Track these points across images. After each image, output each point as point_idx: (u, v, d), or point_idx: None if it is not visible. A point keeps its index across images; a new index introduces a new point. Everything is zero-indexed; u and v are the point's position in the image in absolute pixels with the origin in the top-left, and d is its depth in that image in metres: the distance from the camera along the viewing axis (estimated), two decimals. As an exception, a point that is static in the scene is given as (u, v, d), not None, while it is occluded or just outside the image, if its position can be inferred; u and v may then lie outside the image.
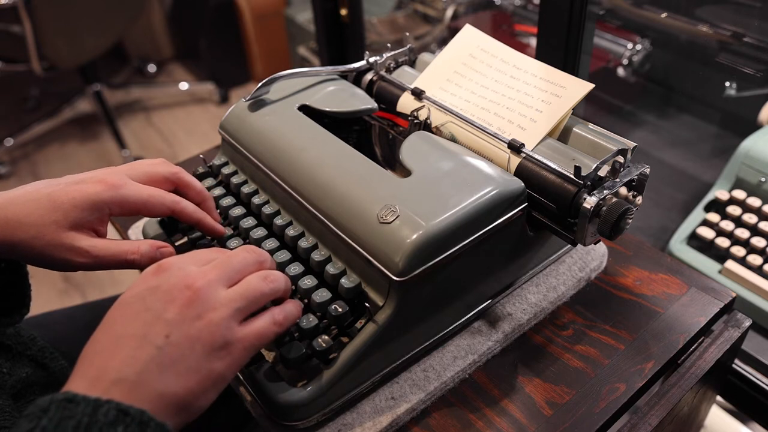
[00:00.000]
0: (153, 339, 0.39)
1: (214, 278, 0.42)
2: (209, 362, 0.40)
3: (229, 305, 0.41)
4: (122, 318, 0.40)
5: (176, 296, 0.40)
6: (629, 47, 1.27)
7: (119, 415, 0.35)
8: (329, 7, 1.22)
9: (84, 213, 0.50)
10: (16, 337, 0.58)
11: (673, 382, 0.58)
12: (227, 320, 0.41)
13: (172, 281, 0.41)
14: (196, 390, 0.39)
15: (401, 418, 0.53)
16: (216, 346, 0.40)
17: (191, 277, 0.41)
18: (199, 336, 0.40)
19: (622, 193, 0.55)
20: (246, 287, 0.43)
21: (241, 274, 0.44)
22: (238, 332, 0.42)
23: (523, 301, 0.62)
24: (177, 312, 0.40)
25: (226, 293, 0.42)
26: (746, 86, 1.08)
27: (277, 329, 0.44)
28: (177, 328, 0.39)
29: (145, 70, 2.72)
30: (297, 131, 0.62)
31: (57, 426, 0.34)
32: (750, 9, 1.07)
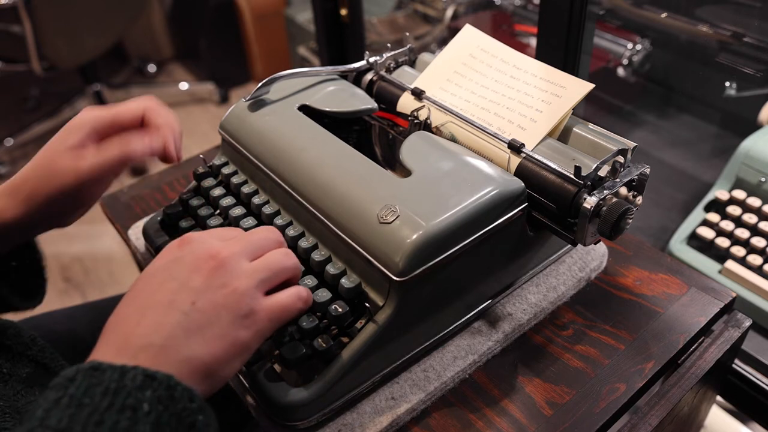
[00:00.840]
0: (179, 305, 0.39)
1: (237, 250, 0.43)
2: (235, 330, 0.40)
3: (254, 275, 0.42)
4: (147, 288, 0.41)
5: (201, 266, 0.41)
6: (629, 47, 1.27)
7: (146, 379, 0.35)
8: (329, 7, 1.22)
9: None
10: (16, 337, 0.58)
11: (673, 382, 0.58)
12: (252, 289, 0.42)
13: (197, 252, 0.42)
14: (222, 357, 0.40)
15: (401, 418, 0.53)
16: (241, 314, 0.41)
17: (215, 248, 0.42)
18: (225, 303, 0.40)
19: (622, 193, 0.55)
20: (270, 260, 0.44)
21: (263, 250, 0.45)
22: (262, 302, 0.42)
23: (523, 301, 0.62)
24: (202, 280, 0.40)
25: (250, 264, 0.43)
26: (746, 86, 1.08)
27: (301, 305, 0.45)
28: (203, 295, 0.40)
29: (145, 70, 2.72)
30: (297, 131, 0.62)
31: (84, 393, 0.34)
32: (750, 9, 1.07)
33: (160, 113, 0.57)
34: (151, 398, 0.35)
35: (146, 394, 0.34)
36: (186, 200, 0.65)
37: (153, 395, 0.35)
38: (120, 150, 0.55)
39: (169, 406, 0.35)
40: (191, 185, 0.68)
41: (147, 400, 0.34)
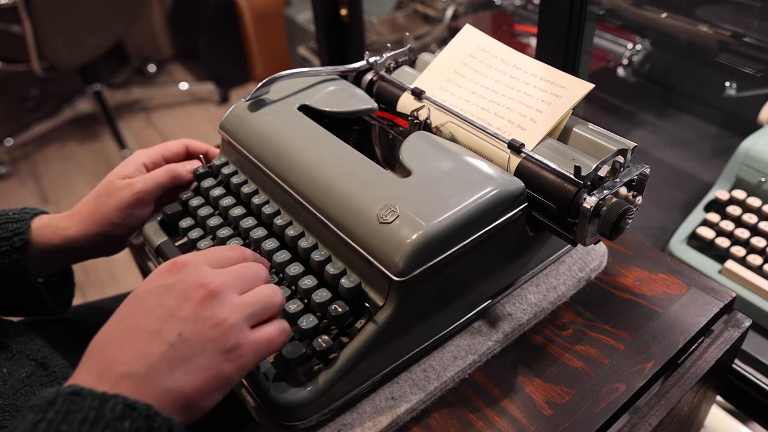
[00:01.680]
0: (166, 335, 0.39)
1: (229, 282, 0.43)
2: (219, 363, 0.40)
3: (244, 309, 0.42)
4: (135, 312, 0.41)
5: (191, 295, 0.41)
6: (629, 47, 1.27)
7: (126, 409, 0.35)
8: (329, 7, 1.22)
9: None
10: (16, 337, 0.59)
11: (673, 382, 0.58)
12: (240, 323, 0.41)
13: (188, 280, 0.42)
14: (204, 389, 0.39)
15: (401, 418, 0.53)
16: (227, 347, 0.40)
17: (207, 278, 0.42)
18: (212, 336, 0.40)
19: (622, 193, 0.55)
20: (261, 295, 0.44)
21: (253, 285, 0.45)
22: (249, 336, 0.42)
23: (523, 301, 0.62)
24: (191, 310, 0.40)
25: (240, 297, 0.43)
26: (746, 86, 1.08)
27: (284, 339, 0.45)
28: (191, 327, 0.40)
29: (145, 70, 2.72)
30: (297, 131, 0.62)
31: (63, 419, 0.34)
32: (750, 9, 1.07)
33: (201, 144, 0.70)
34: (130, 428, 0.35)
35: (125, 425, 0.34)
36: (186, 200, 0.65)
37: (131, 426, 0.35)
38: (167, 171, 0.65)
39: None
40: (192, 185, 0.68)
41: (125, 430, 0.34)
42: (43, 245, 0.60)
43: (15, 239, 0.58)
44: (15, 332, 0.59)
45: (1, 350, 0.57)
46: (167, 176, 0.64)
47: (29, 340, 0.59)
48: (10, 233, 0.58)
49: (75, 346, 0.64)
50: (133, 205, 0.62)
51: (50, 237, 0.60)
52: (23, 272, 0.58)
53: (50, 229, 0.61)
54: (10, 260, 0.57)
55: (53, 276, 0.66)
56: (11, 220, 0.59)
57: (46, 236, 0.60)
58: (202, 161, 0.69)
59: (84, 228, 0.62)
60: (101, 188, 0.64)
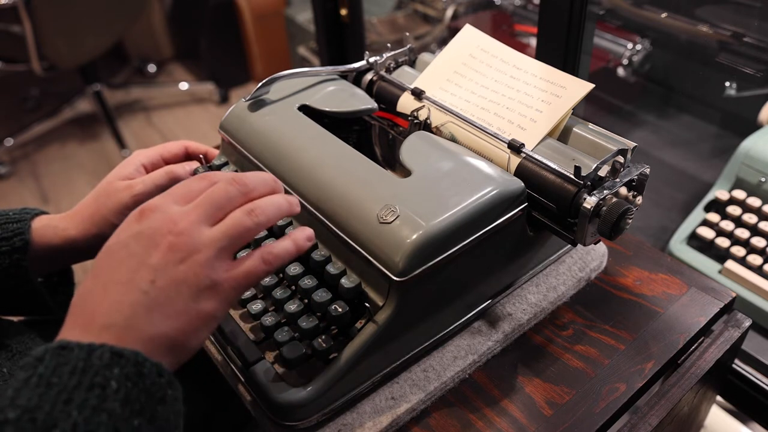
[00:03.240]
0: (139, 284, 0.39)
1: (195, 218, 0.42)
2: (197, 303, 0.40)
3: (212, 245, 0.41)
4: (108, 266, 0.41)
5: (159, 241, 0.41)
6: (629, 47, 1.27)
7: (113, 357, 0.36)
8: (329, 7, 1.22)
9: None
10: (16, 336, 0.59)
11: (673, 382, 0.58)
12: (211, 260, 0.41)
13: (155, 225, 0.41)
14: (187, 330, 0.40)
15: (401, 418, 0.53)
16: (202, 286, 0.40)
17: (173, 220, 0.41)
18: (185, 278, 0.40)
19: (622, 193, 0.55)
20: (229, 224, 0.42)
21: (225, 210, 0.43)
22: (224, 272, 0.42)
23: (523, 301, 0.62)
24: (161, 256, 0.40)
25: (209, 233, 0.42)
26: (746, 86, 1.08)
27: (266, 267, 0.43)
28: (162, 272, 0.40)
29: (145, 70, 2.72)
30: (297, 131, 0.62)
31: (53, 372, 0.35)
32: (750, 9, 1.07)
33: (200, 145, 0.69)
34: (119, 375, 0.35)
35: (114, 372, 0.35)
36: (186, 200, 0.65)
37: (121, 372, 0.35)
38: (166, 172, 0.64)
39: (137, 382, 0.36)
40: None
41: (115, 377, 0.35)
42: (43, 245, 0.60)
43: (15, 239, 0.58)
44: (15, 332, 0.59)
45: (1, 350, 0.57)
46: (166, 178, 0.64)
47: (29, 340, 0.59)
48: (10, 233, 0.58)
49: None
50: (131, 206, 0.62)
51: (50, 237, 0.60)
52: (23, 272, 0.58)
53: (50, 230, 0.61)
54: (11, 260, 0.57)
55: (53, 276, 0.66)
56: (11, 220, 0.59)
57: (46, 236, 0.60)
58: (202, 162, 0.69)
59: (83, 229, 0.62)
60: (100, 189, 0.64)
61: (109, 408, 0.34)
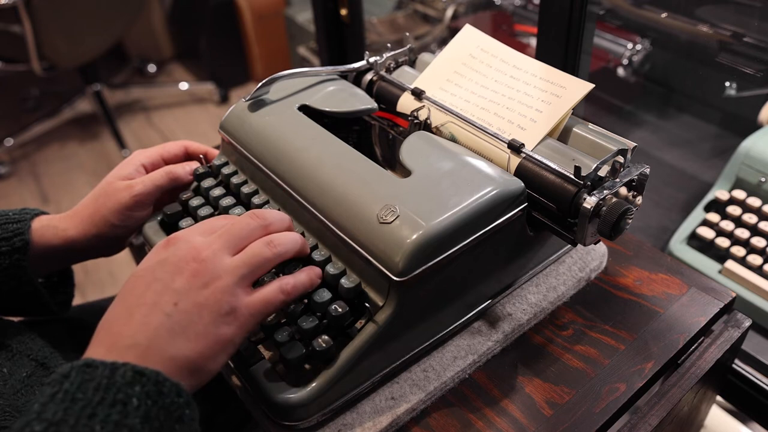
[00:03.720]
0: (163, 307, 0.41)
1: (218, 248, 0.45)
2: (217, 327, 0.42)
3: (234, 273, 0.44)
4: (134, 289, 0.43)
5: (183, 267, 0.43)
6: (629, 47, 1.27)
7: (135, 376, 0.37)
8: (329, 7, 1.22)
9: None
10: (16, 336, 0.59)
11: (673, 382, 0.58)
12: (232, 287, 0.43)
13: (180, 253, 0.44)
14: (206, 353, 0.42)
15: (401, 418, 0.53)
16: (222, 312, 0.43)
17: (197, 249, 0.44)
18: (206, 303, 0.42)
19: (622, 193, 0.55)
20: (249, 254, 0.45)
21: (246, 241, 0.47)
22: (243, 298, 0.44)
23: (523, 301, 0.62)
24: (185, 282, 0.43)
25: (230, 261, 0.45)
26: (746, 86, 1.08)
27: (284, 297, 0.46)
28: (185, 296, 0.42)
29: (145, 70, 2.72)
30: (297, 131, 0.62)
31: (78, 389, 0.36)
32: (750, 9, 1.07)
33: (200, 145, 0.70)
34: (140, 393, 0.37)
35: (135, 390, 0.37)
36: (186, 201, 0.65)
37: (142, 390, 0.37)
38: (166, 173, 0.65)
39: (157, 400, 0.37)
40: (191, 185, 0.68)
41: (136, 395, 0.37)
42: (43, 246, 0.60)
43: (15, 239, 0.58)
44: (15, 332, 0.59)
45: (1, 350, 0.57)
46: (166, 178, 0.65)
47: (29, 340, 0.59)
48: (10, 233, 0.58)
49: (75, 346, 0.64)
50: (131, 207, 0.62)
51: (50, 237, 0.61)
52: (23, 272, 0.58)
53: (50, 230, 0.61)
54: (11, 260, 0.57)
55: (53, 276, 0.66)
56: (11, 220, 0.59)
57: (46, 237, 0.60)
58: (202, 162, 0.69)
59: (83, 229, 0.62)
60: (100, 189, 0.64)
61: (129, 424, 0.36)
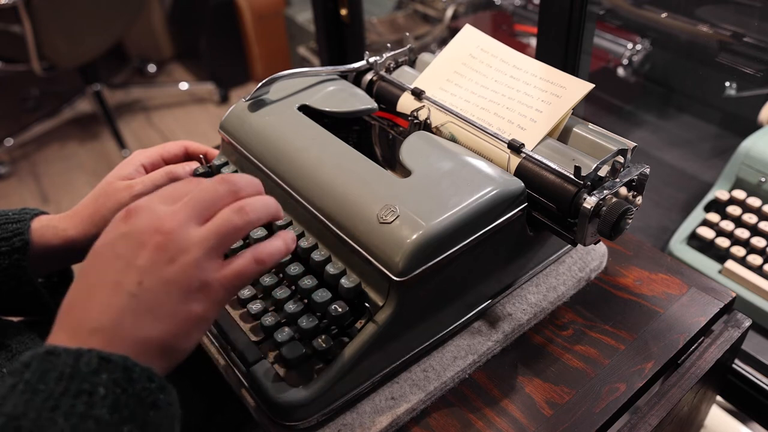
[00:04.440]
0: (126, 286, 0.38)
1: (184, 218, 0.40)
2: (186, 305, 0.39)
3: (202, 245, 0.40)
4: (95, 268, 0.40)
5: (146, 241, 0.39)
6: (629, 47, 1.27)
7: (101, 362, 0.35)
8: (329, 7, 1.22)
9: None
10: (16, 336, 0.59)
11: (673, 382, 0.58)
12: (201, 261, 0.40)
13: (141, 225, 0.40)
14: (177, 333, 0.39)
15: (401, 418, 0.53)
16: (192, 288, 0.39)
17: (160, 220, 0.40)
18: (173, 279, 0.39)
19: (622, 193, 0.55)
20: (218, 223, 0.41)
21: (214, 208, 0.42)
22: (215, 272, 0.40)
23: (523, 301, 0.62)
24: (148, 257, 0.39)
25: (197, 232, 0.40)
26: (746, 86, 1.08)
27: (259, 267, 0.42)
28: (149, 274, 0.39)
29: (145, 70, 2.72)
30: (297, 131, 0.62)
31: (39, 379, 0.34)
32: (750, 9, 1.07)
33: (200, 145, 0.69)
34: (107, 381, 0.35)
35: (102, 378, 0.34)
36: (186, 200, 0.65)
37: (109, 378, 0.35)
38: (166, 173, 0.64)
39: (127, 388, 0.35)
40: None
41: (103, 383, 0.34)
42: (43, 246, 0.60)
43: (15, 239, 0.58)
44: (15, 332, 0.59)
45: (1, 350, 0.57)
46: (166, 178, 0.64)
47: (29, 340, 0.59)
48: (9, 233, 0.58)
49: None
50: None
51: (50, 238, 0.60)
52: (23, 272, 0.58)
53: (50, 230, 0.61)
54: (10, 260, 0.57)
55: (53, 276, 0.66)
56: (11, 220, 0.59)
57: (45, 237, 0.60)
58: (202, 162, 0.69)
59: (83, 229, 0.62)
60: (100, 189, 0.64)
61: (96, 415, 0.34)
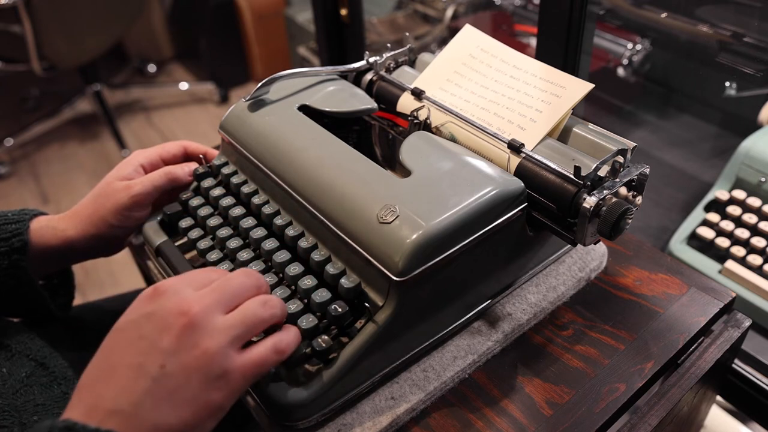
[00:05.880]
0: (148, 369, 0.38)
1: (211, 303, 0.41)
2: (206, 392, 0.39)
3: (227, 332, 0.40)
4: (118, 346, 0.40)
5: (172, 323, 0.39)
6: (629, 47, 1.27)
7: None
8: (329, 8, 1.22)
9: None
10: (16, 336, 0.59)
11: (673, 382, 0.58)
12: (225, 348, 0.40)
13: (168, 307, 0.40)
14: (193, 421, 0.38)
15: (401, 418, 0.53)
16: (213, 375, 0.39)
17: (187, 303, 0.40)
18: (196, 366, 0.39)
19: (622, 193, 0.55)
20: (245, 313, 0.42)
21: (239, 299, 0.43)
22: (236, 360, 0.40)
23: (523, 301, 0.62)
24: (173, 341, 0.39)
25: (223, 319, 0.41)
26: (746, 86, 1.08)
27: (278, 357, 0.43)
28: (173, 358, 0.38)
29: (145, 70, 2.72)
30: (297, 131, 0.62)
31: None
32: (750, 9, 1.07)
33: (199, 146, 0.70)
34: None
35: None
36: (186, 200, 0.65)
37: None
38: (165, 173, 0.64)
39: None
40: (191, 185, 0.68)
41: None
42: (42, 246, 0.60)
43: (14, 240, 0.58)
44: (15, 332, 0.59)
45: (1, 350, 0.57)
46: (165, 179, 0.64)
47: (29, 340, 0.59)
48: (9, 234, 0.58)
49: (75, 346, 0.64)
50: (130, 207, 0.62)
51: (49, 238, 0.60)
52: (22, 273, 0.58)
53: (49, 230, 0.61)
54: (10, 261, 0.57)
55: (53, 277, 0.66)
56: (10, 221, 0.59)
57: (45, 237, 0.60)
58: (202, 162, 0.69)
59: (82, 229, 0.62)
60: (99, 189, 0.64)
61: None
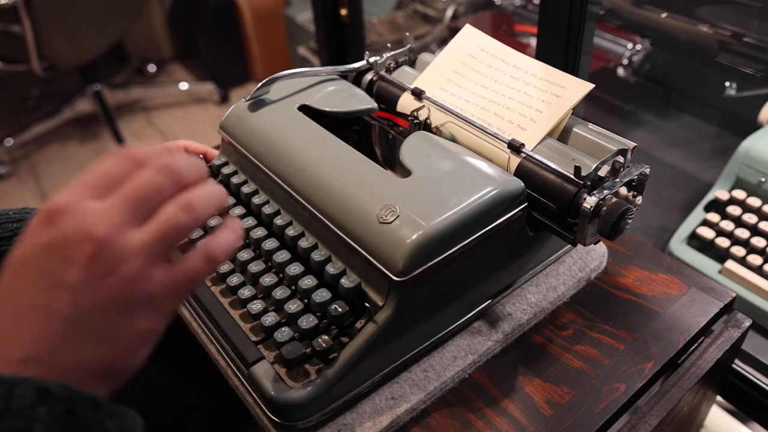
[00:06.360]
0: (59, 309, 0.32)
1: (119, 218, 0.34)
2: (131, 322, 0.34)
3: (144, 252, 0.34)
4: (17, 285, 0.34)
5: (76, 252, 0.33)
6: (629, 47, 1.27)
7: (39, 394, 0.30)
8: (329, 7, 1.22)
9: None
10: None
11: (673, 382, 0.58)
12: (143, 270, 0.34)
13: (68, 232, 0.33)
14: (122, 353, 0.34)
15: (401, 418, 0.53)
16: (136, 302, 0.34)
17: (90, 224, 0.33)
18: (113, 296, 0.33)
19: (622, 193, 0.55)
20: (162, 224, 0.35)
21: (154, 203, 0.35)
22: (160, 280, 0.34)
23: (523, 301, 0.62)
24: (80, 273, 0.33)
25: (137, 236, 0.34)
26: (746, 86, 1.08)
27: (211, 266, 0.37)
28: (84, 293, 0.33)
29: (145, 70, 2.72)
30: (297, 131, 0.62)
31: None
32: (750, 9, 1.07)
33: (199, 145, 0.69)
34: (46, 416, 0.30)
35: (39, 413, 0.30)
36: (186, 200, 0.65)
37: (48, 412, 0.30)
38: None
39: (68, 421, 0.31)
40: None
41: (41, 419, 0.30)
42: None
43: (15, 239, 0.58)
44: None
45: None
46: None
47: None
48: (10, 233, 0.58)
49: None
50: None
51: None
52: None
53: None
54: None
55: None
56: (12, 219, 0.59)
57: None
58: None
59: None
60: None
61: None
